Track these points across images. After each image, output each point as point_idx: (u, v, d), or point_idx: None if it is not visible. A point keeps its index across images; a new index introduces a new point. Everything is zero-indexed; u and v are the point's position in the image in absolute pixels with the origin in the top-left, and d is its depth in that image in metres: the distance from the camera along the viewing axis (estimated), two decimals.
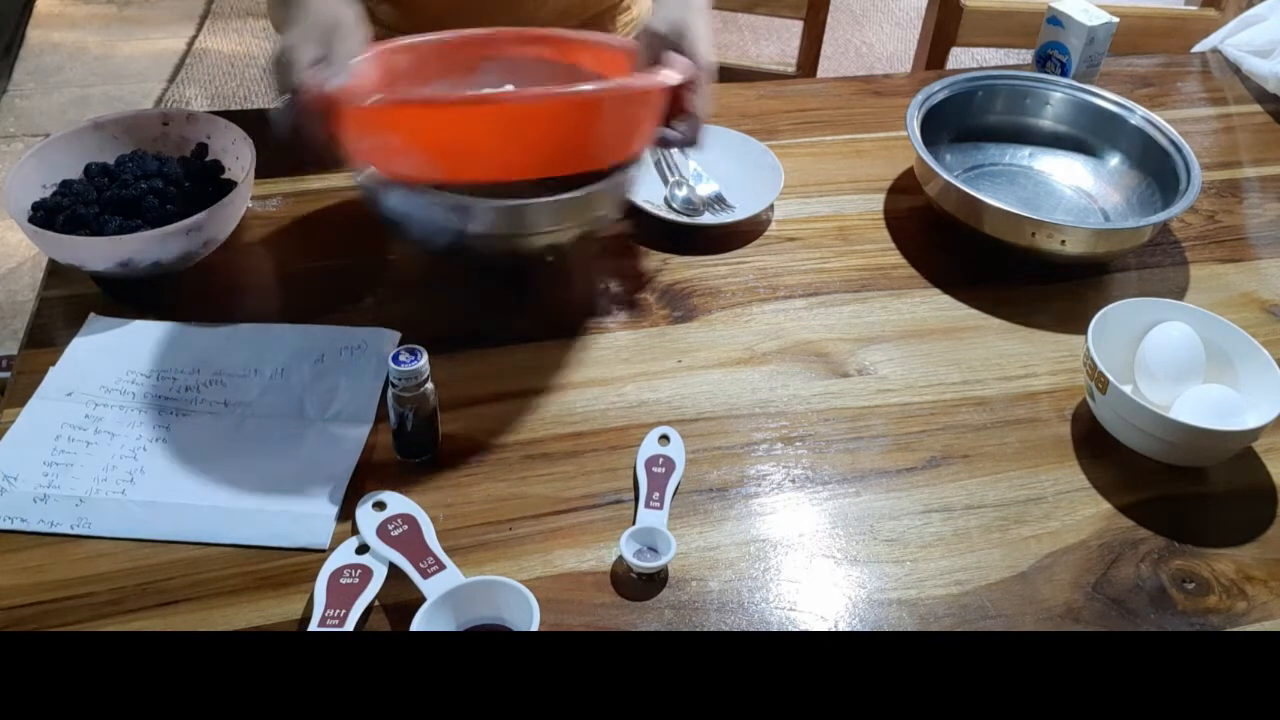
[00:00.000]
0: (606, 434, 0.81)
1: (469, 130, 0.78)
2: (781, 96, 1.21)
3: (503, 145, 0.78)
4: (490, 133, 0.77)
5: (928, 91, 1.08)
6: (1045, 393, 0.87)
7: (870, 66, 2.88)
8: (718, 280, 0.96)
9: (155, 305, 0.88)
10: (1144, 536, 0.76)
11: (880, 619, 0.70)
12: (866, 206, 1.06)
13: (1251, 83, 1.31)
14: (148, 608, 0.68)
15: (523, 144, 0.78)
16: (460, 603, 0.66)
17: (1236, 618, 0.72)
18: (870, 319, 0.93)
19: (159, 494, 0.74)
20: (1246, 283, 1.00)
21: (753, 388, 0.86)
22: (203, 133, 0.95)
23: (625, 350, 0.88)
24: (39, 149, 0.90)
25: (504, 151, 0.78)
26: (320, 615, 0.66)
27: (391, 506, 0.72)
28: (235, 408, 0.80)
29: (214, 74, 2.72)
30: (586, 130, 0.79)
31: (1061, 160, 1.12)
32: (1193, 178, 0.99)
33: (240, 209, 0.90)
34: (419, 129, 0.78)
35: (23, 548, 0.71)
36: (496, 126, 0.77)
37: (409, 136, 0.78)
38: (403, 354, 0.73)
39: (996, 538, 0.76)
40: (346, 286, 0.91)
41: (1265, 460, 0.82)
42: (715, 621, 0.70)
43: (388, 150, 0.79)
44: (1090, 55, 1.19)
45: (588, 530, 0.74)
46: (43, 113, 2.55)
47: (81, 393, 0.80)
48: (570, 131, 0.79)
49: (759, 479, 0.79)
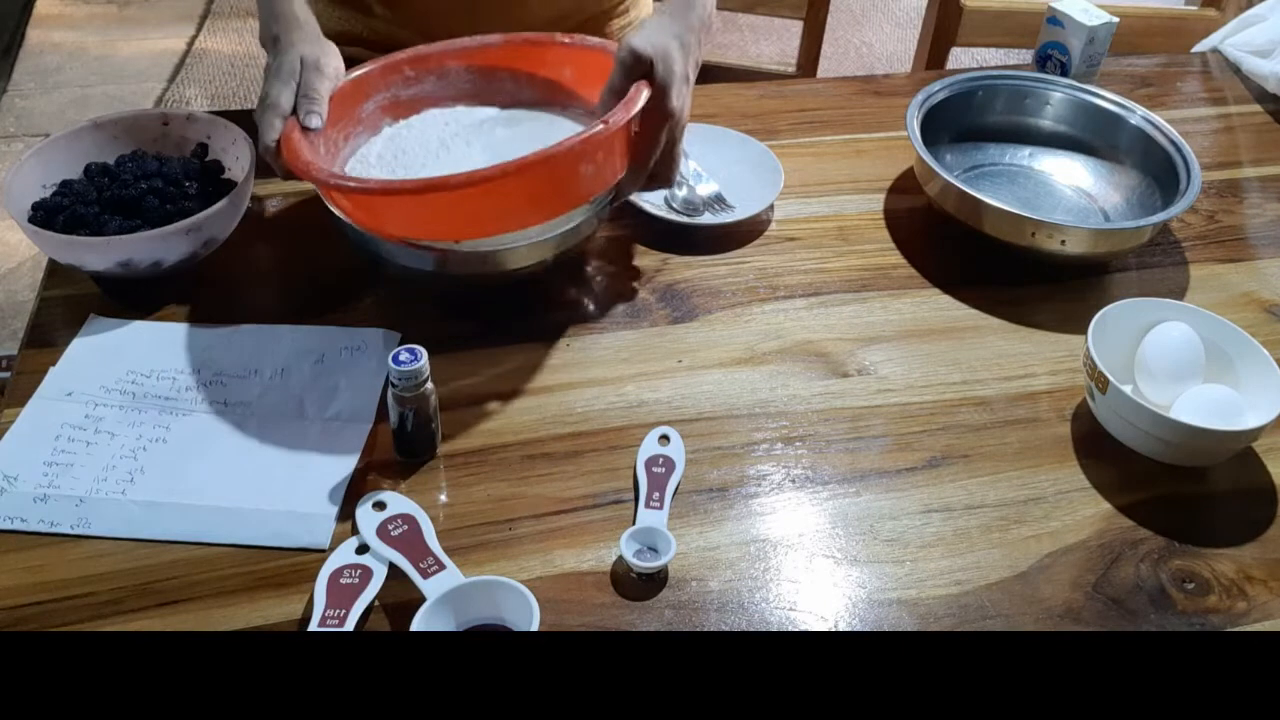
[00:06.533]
0: (606, 434, 0.81)
1: (418, 207, 0.79)
2: (781, 96, 1.21)
3: (456, 216, 0.79)
4: (430, 210, 0.79)
5: (928, 91, 1.08)
6: (1045, 393, 0.87)
7: (870, 66, 2.88)
8: (718, 280, 0.96)
9: (155, 305, 0.88)
10: (1144, 536, 0.76)
11: (880, 619, 0.70)
12: (866, 206, 1.06)
13: (1251, 83, 1.31)
14: (148, 608, 0.68)
15: (472, 213, 0.79)
16: (460, 603, 0.66)
17: (1236, 618, 0.72)
18: (870, 319, 0.93)
19: (159, 494, 0.74)
20: (1246, 283, 1.00)
21: (753, 388, 0.86)
22: (203, 133, 0.95)
23: (625, 350, 0.88)
24: (39, 149, 0.90)
25: (451, 221, 0.80)
26: (320, 615, 0.66)
27: (391, 506, 0.72)
28: (235, 408, 0.80)
29: (214, 74, 2.72)
30: (531, 192, 0.79)
31: (1061, 160, 1.12)
32: (1193, 178, 0.99)
33: (240, 209, 0.90)
34: (368, 204, 0.81)
35: (23, 548, 0.71)
36: (444, 204, 0.78)
37: (362, 208, 0.82)
38: (403, 354, 0.73)
39: (996, 538, 0.76)
40: (346, 286, 0.91)
41: (1265, 460, 0.82)
42: (715, 621, 0.70)
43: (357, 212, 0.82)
44: (1090, 55, 1.19)
45: (588, 530, 0.74)
46: (43, 113, 2.55)
47: (81, 393, 0.80)
48: (524, 195, 0.79)
49: (759, 479, 0.79)
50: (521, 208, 0.79)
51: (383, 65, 0.94)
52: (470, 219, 0.79)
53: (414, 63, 0.95)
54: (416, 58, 0.95)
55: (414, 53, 0.95)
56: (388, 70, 0.94)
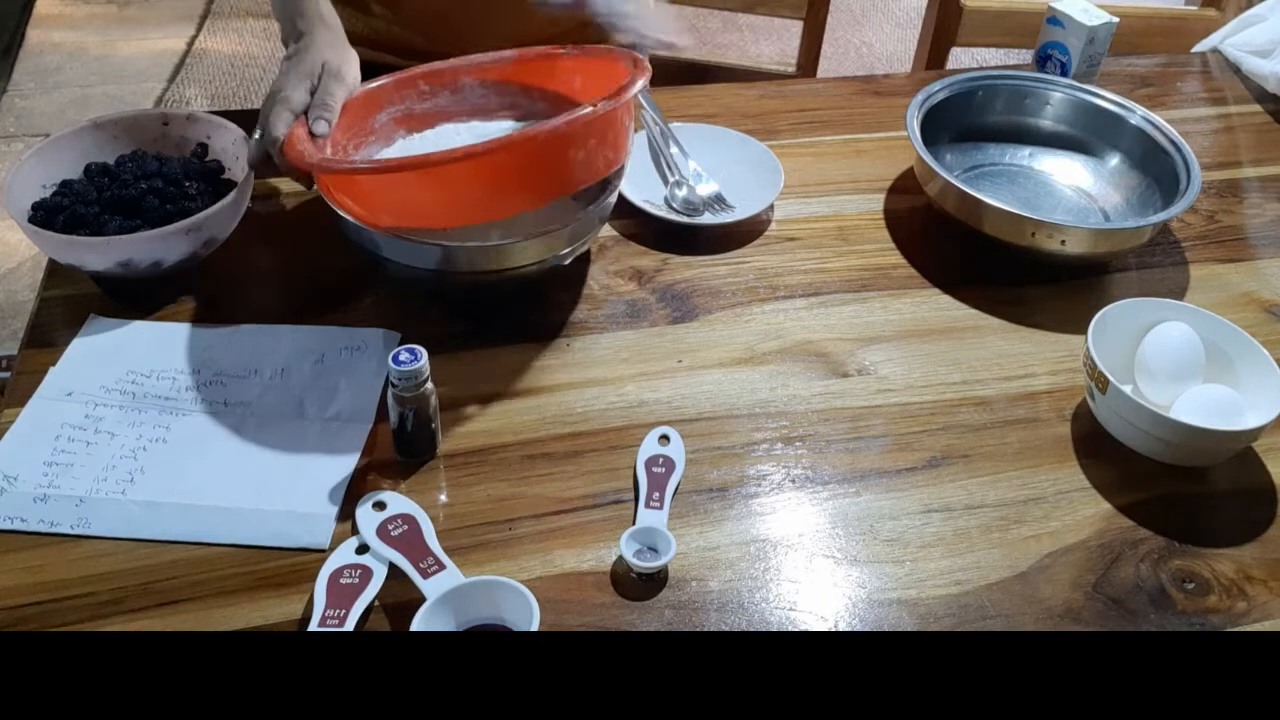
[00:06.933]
0: (606, 434, 0.81)
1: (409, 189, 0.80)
2: (781, 96, 1.21)
3: (446, 197, 0.80)
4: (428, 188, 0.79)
5: (928, 91, 1.08)
6: (1045, 393, 0.87)
7: (870, 66, 2.88)
8: (718, 280, 0.96)
9: (155, 305, 0.88)
10: (1144, 536, 0.76)
11: (880, 619, 0.70)
12: (866, 206, 1.06)
13: (1251, 83, 1.31)
14: (148, 608, 0.68)
15: (462, 194, 0.79)
16: (460, 603, 0.66)
17: (1236, 618, 0.72)
18: (870, 319, 0.93)
19: (159, 494, 0.74)
20: (1246, 283, 1.00)
21: (753, 388, 0.86)
22: (203, 133, 0.95)
23: (625, 350, 0.88)
24: (39, 149, 0.90)
25: (450, 202, 0.80)
26: (320, 615, 0.66)
27: (391, 506, 0.72)
28: (235, 408, 0.80)
29: (214, 74, 2.72)
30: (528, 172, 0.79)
31: (1061, 160, 1.12)
32: (1193, 178, 0.99)
33: (240, 209, 0.90)
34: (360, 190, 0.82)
35: (23, 548, 0.71)
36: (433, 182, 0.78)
37: (355, 196, 0.82)
38: (403, 354, 0.73)
39: (996, 538, 0.76)
40: (346, 286, 0.91)
41: (1265, 460, 0.82)
42: (715, 621, 0.70)
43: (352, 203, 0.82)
44: (1090, 55, 1.19)
45: (588, 530, 0.74)
46: (43, 113, 2.55)
47: (81, 393, 0.80)
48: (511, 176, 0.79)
49: (759, 479, 0.79)
50: (510, 190, 0.79)
51: (397, 79, 0.94)
52: (458, 202, 0.79)
53: (429, 77, 0.96)
54: (431, 73, 0.96)
55: (429, 68, 0.96)
56: (402, 84, 0.95)
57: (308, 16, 0.88)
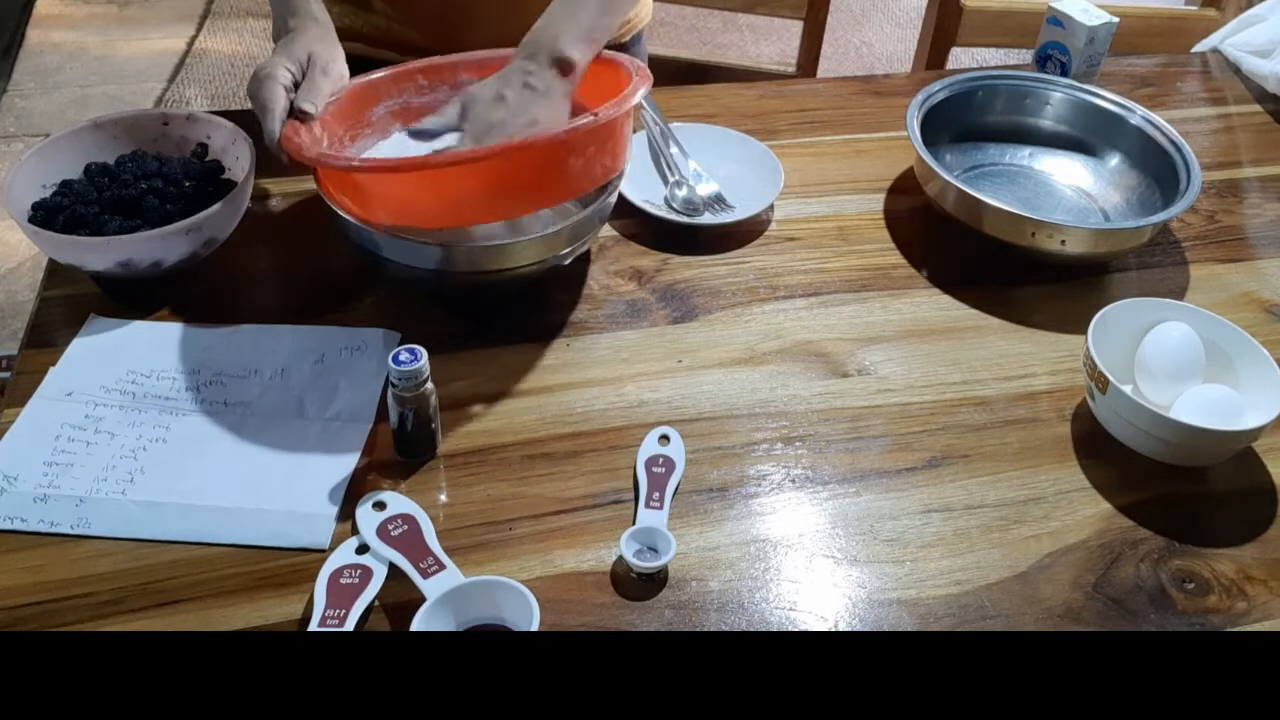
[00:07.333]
0: (606, 434, 0.81)
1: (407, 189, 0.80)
2: (781, 96, 1.21)
3: (444, 199, 0.80)
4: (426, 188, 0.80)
5: (928, 91, 1.08)
6: (1045, 393, 0.87)
7: (870, 66, 2.88)
8: (718, 280, 0.96)
9: (155, 305, 0.88)
10: (1144, 536, 0.76)
11: (880, 619, 0.70)
12: (866, 206, 1.06)
13: (1251, 83, 1.31)
14: (148, 608, 0.68)
15: (459, 197, 0.79)
16: (460, 603, 0.66)
17: (1236, 618, 0.72)
18: (870, 319, 0.93)
19: (159, 494, 0.74)
20: (1246, 283, 1.00)
21: (753, 388, 0.86)
22: (203, 133, 0.95)
23: (625, 350, 0.88)
24: (39, 149, 0.90)
25: (447, 204, 0.80)
26: (320, 615, 0.66)
27: (391, 506, 0.72)
28: (235, 408, 0.80)
29: (214, 74, 2.72)
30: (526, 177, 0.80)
31: (1061, 160, 1.12)
32: (1193, 178, 0.99)
33: (240, 209, 0.90)
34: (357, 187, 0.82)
35: (23, 548, 0.71)
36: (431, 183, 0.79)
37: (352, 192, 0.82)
38: (403, 354, 0.73)
39: (996, 538, 0.76)
40: (346, 286, 0.91)
41: (1265, 460, 0.82)
42: (715, 621, 0.70)
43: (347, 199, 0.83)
44: (1090, 55, 1.19)
45: (588, 530, 0.74)
46: (43, 113, 2.55)
47: (81, 393, 0.80)
48: (510, 180, 0.79)
49: (759, 479, 0.79)
50: (508, 194, 0.80)
51: (395, 72, 0.94)
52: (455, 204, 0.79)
53: (428, 72, 0.96)
54: (430, 68, 0.96)
55: (428, 63, 0.96)
56: (400, 77, 0.95)
57: (300, 14, 0.90)
